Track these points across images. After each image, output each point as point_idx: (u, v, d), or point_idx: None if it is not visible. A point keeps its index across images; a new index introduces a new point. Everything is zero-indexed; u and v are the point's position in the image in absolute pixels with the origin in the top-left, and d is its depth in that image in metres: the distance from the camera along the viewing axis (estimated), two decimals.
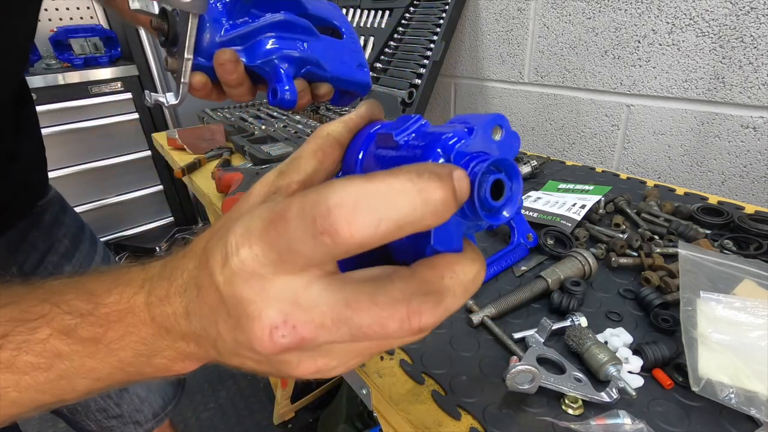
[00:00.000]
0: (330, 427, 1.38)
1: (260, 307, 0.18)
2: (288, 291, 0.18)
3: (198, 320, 0.22)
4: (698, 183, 0.88)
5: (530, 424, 0.40)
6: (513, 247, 0.64)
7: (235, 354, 0.22)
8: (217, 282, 0.19)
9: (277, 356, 0.20)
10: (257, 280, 0.18)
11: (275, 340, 0.18)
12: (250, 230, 0.18)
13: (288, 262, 0.18)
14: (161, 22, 0.43)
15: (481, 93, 1.28)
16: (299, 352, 0.20)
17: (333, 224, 0.16)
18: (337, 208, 0.16)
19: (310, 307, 0.18)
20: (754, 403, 0.38)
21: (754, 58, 0.75)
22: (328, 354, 0.21)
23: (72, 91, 2.02)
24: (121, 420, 0.78)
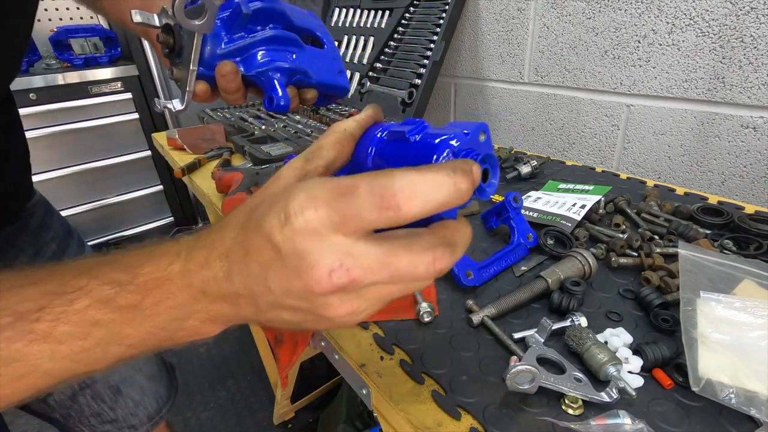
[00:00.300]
0: (330, 427, 1.38)
1: (319, 256, 0.23)
2: (342, 245, 0.23)
3: (241, 280, 0.26)
4: (698, 183, 0.88)
5: (530, 424, 0.40)
6: (513, 247, 0.64)
7: (277, 305, 0.26)
8: (276, 241, 0.24)
9: (327, 297, 0.24)
10: (317, 237, 0.23)
11: (332, 281, 0.23)
12: (315, 197, 0.23)
13: (349, 225, 0.23)
14: (167, 37, 0.47)
15: (481, 93, 1.28)
16: (344, 294, 0.25)
17: (398, 203, 0.22)
18: (400, 192, 0.22)
19: (360, 256, 0.23)
20: (754, 403, 0.38)
21: (754, 58, 0.75)
22: (363, 297, 0.25)
23: (72, 91, 2.02)
24: (115, 425, 0.77)
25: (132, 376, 0.78)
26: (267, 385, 1.72)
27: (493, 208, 0.70)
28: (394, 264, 0.24)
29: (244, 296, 0.27)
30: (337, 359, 0.53)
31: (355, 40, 1.45)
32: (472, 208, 0.79)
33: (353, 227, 0.23)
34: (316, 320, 0.27)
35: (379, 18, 1.39)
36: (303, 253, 0.23)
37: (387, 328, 0.53)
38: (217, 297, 0.27)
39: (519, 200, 0.67)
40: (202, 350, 1.97)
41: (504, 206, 0.66)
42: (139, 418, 0.79)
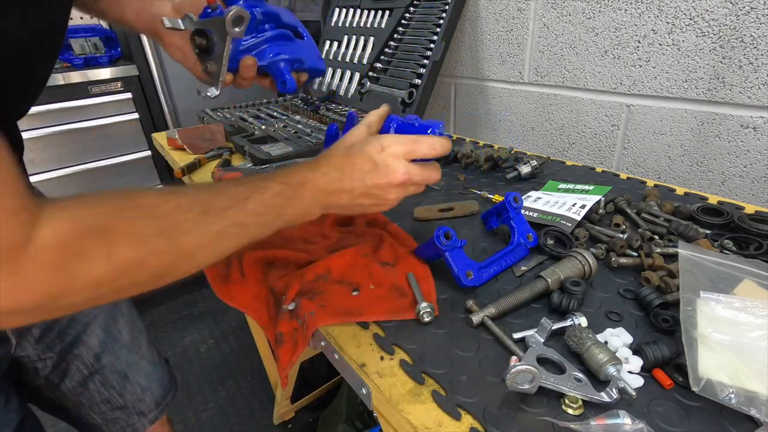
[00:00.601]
0: (330, 427, 1.38)
1: (398, 166, 0.51)
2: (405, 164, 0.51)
3: (348, 180, 0.51)
4: (698, 183, 0.88)
5: (530, 424, 0.40)
6: (513, 247, 0.64)
7: (364, 194, 0.52)
8: (374, 159, 0.51)
9: (395, 187, 0.52)
10: (397, 158, 0.51)
11: (402, 177, 0.51)
12: (399, 141, 0.52)
13: (409, 156, 0.52)
14: (202, 40, 0.60)
15: (481, 93, 1.28)
16: (400, 187, 0.52)
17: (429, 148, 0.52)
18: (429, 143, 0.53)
19: (412, 169, 0.51)
20: (754, 403, 0.38)
21: (754, 58, 0.75)
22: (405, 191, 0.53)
23: (72, 91, 2.02)
24: (125, 411, 0.79)
25: (137, 362, 0.80)
26: (267, 385, 1.72)
27: (493, 208, 0.70)
28: (421, 174, 0.53)
29: (346, 191, 0.52)
30: (337, 359, 0.53)
31: (355, 40, 1.45)
32: (472, 208, 0.79)
33: (411, 155, 0.52)
34: (380, 203, 0.54)
35: (379, 18, 1.39)
36: (389, 165, 0.51)
37: (387, 328, 0.53)
38: (329, 192, 0.51)
39: (519, 200, 0.67)
40: (202, 350, 1.97)
41: (504, 206, 0.66)
42: (147, 404, 0.81)
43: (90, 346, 0.72)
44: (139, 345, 0.81)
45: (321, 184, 0.51)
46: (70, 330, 0.70)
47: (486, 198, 0.84)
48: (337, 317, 0.55)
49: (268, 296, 0.67)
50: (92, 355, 0.73)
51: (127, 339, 0.78)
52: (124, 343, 0.78)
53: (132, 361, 0.79)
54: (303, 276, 0.62)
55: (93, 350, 0.73)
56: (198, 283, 2.41)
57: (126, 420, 0.79)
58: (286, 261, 0.69)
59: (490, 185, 0.91)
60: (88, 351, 0.72)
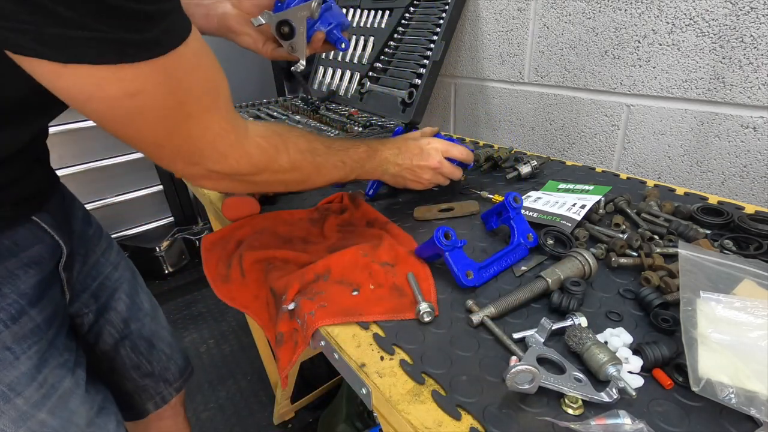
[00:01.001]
0: (330, 427, 1.38)
1: (436, 155, 0.76)
2: (441, 157, 0.77)
3: (401, 157, 0.75)
4: (698, 183, 0.88)
5: (530, 424, 0.40)
6: (513, 247, 0.64)
7: (409, 168, 0.75)
8: (422, 147, 0.76)
9: (431, 169, 0.76)
10: (437, 151, 0.76)
11: (437, 163, 0.76)
12: (441, 141, 0.78)
13: (445, 153, 0.77)
14: (285, 27, 0.76)
15: (481, 93, 1.28)
16: (434, 171, 0.76)
17: (459, 152, 0.79)
18: (459, 149, 0.80)
19: (444, 161, 0.77)
20: (754, 403, 0.38)
21: (754, 58, 0.75)
22: (436, 176, 0.77)
23: None
24: (153, 378, 0.86)
25: (159, 331, 0.87)
26: (267, 385, 1.72)
27: (493, 208, 0.70)
28: (449, 168, 0.78)
29: (398, 164, 0.75)
30: (337, 359, 0.53)
31: (355, 40, 1.45)
32: (472, 208, 0.79)
33: (446, 153, 0.77)
34: (417, 179, 0.76)
35: (379, 18, 1.39)
36: (430, 153, 0.76)
37: (387, 328, 0.53)
38: (385, 162, 0.74)
39: (519, 200, 0.67)
40: (202, 350, 1.97)
41: (504, 206, 0.66)
42: (172, 372, 0.89)
43: (118, 311, 0.79)
44: (158, 316, 0.88)
45: (386, 154, 0.74)
46: (101, 293, 0.77)
47: (486, 198, 0.84)
48: (337, 317, 0.55)
49: (268, 296, 0.67)
50: (121, 319, 0.80)
51: (148, 309, 0.85)
52: (147, 312, 0.85)
53: (155, 329, 0.86)
54: (303, 276, 0.62)
55: (121, 315, 0.80)
56: (198, 283, 2.41)
57: (154, 388, 0.86)
58: (286, 261, 0.69)
59: (490, 185, 0.91)
60: (117, 316, 0.79)
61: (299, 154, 0.61)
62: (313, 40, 0.80)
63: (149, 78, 0.40)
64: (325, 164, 0.65)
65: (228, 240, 0.77)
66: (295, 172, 0.62)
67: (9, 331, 0.55)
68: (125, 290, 0.81)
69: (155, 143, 0.47)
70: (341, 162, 0.68)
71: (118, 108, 0.41)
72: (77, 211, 0.77)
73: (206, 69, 0.47)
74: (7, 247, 0.56)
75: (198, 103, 0.46)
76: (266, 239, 0.75)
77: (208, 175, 0.54)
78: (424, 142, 0.76)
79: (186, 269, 2.52)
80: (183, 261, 2.54)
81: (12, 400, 0.56)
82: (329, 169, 0.66)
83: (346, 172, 0.69)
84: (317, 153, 0.64)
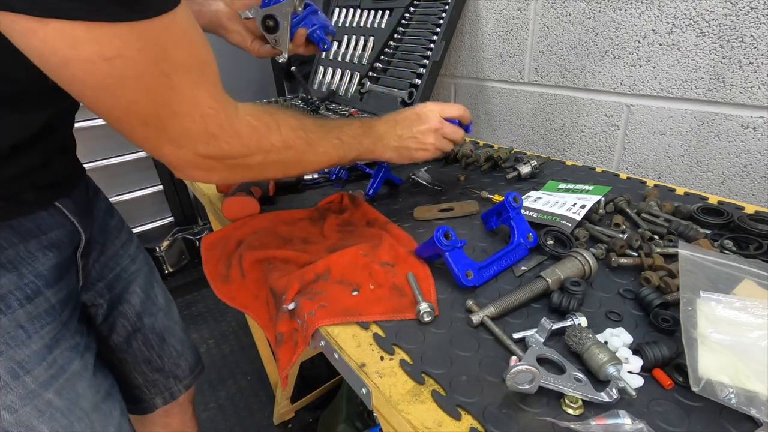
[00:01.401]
0: (330, 427, 1.38)
1: (434, 116, 0.76)
2: (439, 118, 0.76)
3: (399, 128, 0.74)
4: (698, 183, 0.88)
5: (530, 424, 0.40)
6: (513, 247, 0.64)
7: (410, 137, 0.74)
8: (418, 112, 0.76)
9: (432, 131, 0.75)
10: (433, 111, 0.76)
11: (437, 123, 0.75)
12: (435, 103, 0.78)
13: (442, 113, 0.77)
14: (270, 21, 0.83)
15: (481, 93, 1.28)
16: (435, 132, 0.75)
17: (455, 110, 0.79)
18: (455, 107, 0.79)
19: (443, 122, 0.76)
20: (754, 403, 0.38)
21: (754, 58, 0.75)
22: (437, 138, 0.76)
23: None
24: (163, 374, 0.86)
25: (171, 326, 0.87)
26: (267, 385, 1.72)
27: (493, 208, 0.70)
28: (450, 127, 0.77)
29: (398, 135, 0.73)
30: (337, 359, 0.53)
31: (355, 40, 1.45)
32: (472, 208, 0.79)
33: (443, 113, 0.76)
34: (422, 146, 0.75)
35: (379, 18, 1.39)
36: (427, 115, 0.75)
37: (387, 328, 0.53)
38: (384, 136, 0.73)
39: (519, 200, 0.67)
40: (202, 350, 1.97)
41: (504, 206, 0.66)
42: (182, 368, 0.90)
43: (132, 304, 0.80)
44: (172, 312, 0.88)
45: (382, 128, 0.73)
46: (116, 284, 0.77)
47: (486, 198, 0.84)
48: (337, 317, 0.55)
49: (268, 296, 0.67)
50: (134, 312, 0.80)
51: (163, 304, 0.86)
52: (161, 307, 0.85)
53: (167, 325, 0.86)
54: (303, 276, 0.62)
55: (135, 308, 0.80)
56: (198, 283, 2.41)
57: (164, 383, 0.87)
58: (286, 261, 0.69)
59: (490, 185, 0.91)
60: (130, 309, 0.79)
61: (291, 131, 0.59)
62: (296, 36, 0.88)
63: (129, 42, 0.38)
64: (319, 141, 0.64)
65: (228, 240, 0.77)
66: (289, 151, 0.59)
67: (23, 310, 0.56)
68: (140, 284, 0.81)
69: (139, 119, 0.44)
70: (337, 139, 0.66)
71: (95, 73, 0.39)
72: (101, 202, 0.78)
73: (194, 43, 0.45)
74: (29, 230, 0.57)
75: (184, 77, 0.44)
76: (266, 239, 0.75)
77: (197, 162, 0.51)
78: (419, 107, 0.76)
79: (186, 269, 2.52)
80: (183, 261, 2.54)
81: (21, 377, 0.57)
82: (325, 147, 0.65)
83: (345, 150, 0.67)
84: (309, 130, 0.62)
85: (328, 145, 0.65)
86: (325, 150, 0.65)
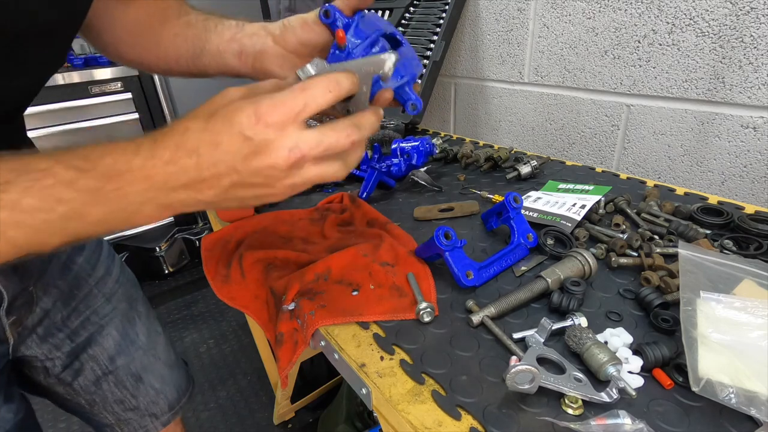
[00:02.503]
0: (330, 427, 1.38)
1: (283, 140, 0.35)
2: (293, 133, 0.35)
3: (210, 168, 0.35)
4: (698, 183, 0.88)
5: (530, 424, 0.40)
6: (513, 247, 0.64)
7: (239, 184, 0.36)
8: (247, 134, 0.34)
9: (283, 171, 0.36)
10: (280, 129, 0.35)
11: (290, 156, 0.35)
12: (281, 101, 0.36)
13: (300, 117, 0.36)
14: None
15: (481, 93, 1.28)
16: (295, 169, 0.37)
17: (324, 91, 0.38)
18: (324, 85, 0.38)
19: (305, 139, 0.36)
20: (754, 403, 0.38)
21: (754, 58, 0.75)
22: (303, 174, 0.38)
23: (72, 91, 2.02)
24: (137, 412, 0.79)
25: (152, 363, 0.79)
26: (267, 385, 1.72)
27: (493, 208, 0.70)
28: (326, 140, 0.37)
29: (209, 181, 0.36)
30: (337, 359, 0.53)
31: None
32: (472, 208, 0.79)
33: (302, 117, 0.36)
34: (266, 193, 0.38)
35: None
36: (269, 141, 0.35)
37: (387, 328, 0.53)
38: (178, 186, 0.35)
39: (519, 200, 0.67)
40: (202, 350, 1.97)
41: (504, 206, 0.66)
42: (160, 406, 0.81)
43: (105, 347, 0.72)
44: (156, 348, 0.80)
45: (160, 175, 0.34)
46: (82, 331, 0.69)
47: (486, 198, 0.84)
48: (337, 317, 0.55)
49: (268, 296, 0.67)
50: (107, 356, 0.72)
51: (144, 341, 0.78)
52: (140, 346, 0.77)
53: (147, 363, 0.78)
54: (303, 276, 0.62)
55: (108, 352, 0.72)
56: (198, 283, 2.41)
57: (138, 421, 0.79)
58: (286, 261, 0.69)
59: (490, 185, 0.91)
60: (102, 352, 0.72)
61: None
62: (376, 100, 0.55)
63: None
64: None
65: (228, 240, 0.77)
66: None
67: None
68: (116, 325, 0.73)
69: None
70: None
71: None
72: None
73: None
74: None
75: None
76: (266, 239, 0.75)
77: None
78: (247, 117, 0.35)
79: (186, 269, 2.52)
80: (183, 261, 2.54)
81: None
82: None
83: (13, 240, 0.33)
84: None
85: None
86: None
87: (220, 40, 0.61)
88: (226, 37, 0.60)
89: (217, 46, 0.61)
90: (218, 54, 0.61)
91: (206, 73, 0.64)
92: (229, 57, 0.61)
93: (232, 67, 0.62)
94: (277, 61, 0.59)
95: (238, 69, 0.62)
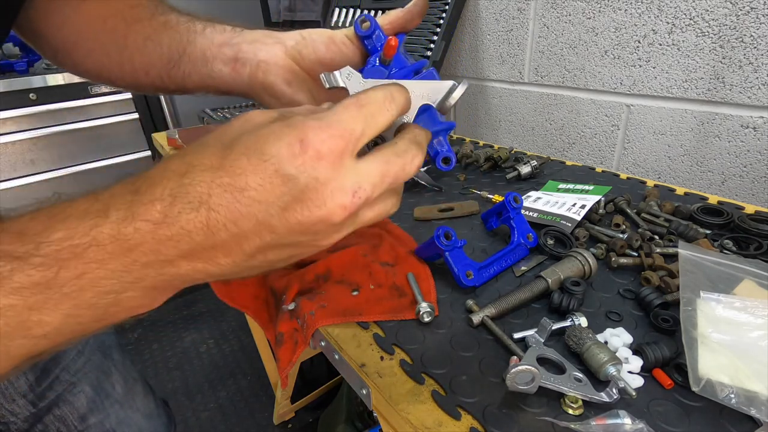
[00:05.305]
0: (330, 427, 1.38)
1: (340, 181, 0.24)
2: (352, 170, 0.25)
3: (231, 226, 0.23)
4: (698, 183, 0.88)
5: (530, 424, 0.40)
6: (513, 247, 0.64)
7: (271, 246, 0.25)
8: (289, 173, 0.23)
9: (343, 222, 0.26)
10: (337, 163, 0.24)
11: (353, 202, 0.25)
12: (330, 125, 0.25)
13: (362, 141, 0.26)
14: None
15: (481, 93, 1.28)
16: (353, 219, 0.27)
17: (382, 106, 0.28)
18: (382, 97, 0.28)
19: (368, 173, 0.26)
20: (754, 403, 0.38)
21: (754, 58, 0.75)
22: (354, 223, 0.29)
23: (72, 91, 2.02)
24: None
25: (129, 417, 0.72)
26: (267, 385, 1.72)
27: (493, 208, 0.70)
28: (391, 171, 0.27)
29: (226, 246, 0.24)
30: (337, 359, 0.53)
31: None
32: (472, 208, 0.79)
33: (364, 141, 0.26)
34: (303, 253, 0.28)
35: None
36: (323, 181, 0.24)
37: (387, 328, 0.53)
38: (177, 257, 0.23)
39: (519, 200, 0.67)
40: (202, 350, 1.97)
41: (504, 206, 0.66)
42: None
43: (76, 406, 0.65)
44: (134, 398, 0.73)
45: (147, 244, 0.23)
46: (49, 392, 0.62)
47: (486, 198, 0.84)
48: (337, 317, 0.55)
49: (268, 296, 0.67)
50: (78, 415, 0.65)
51: (120, 393, 0.70)
52: (117, 399, 0.70)
53: (124, 417, 0.72)
54: (303, 276, 0.62)
55: (79, 411, 0.65)
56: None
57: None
58: None
59: (490, 185, 0.91)
60: (73, 412, 0.64)
61: None
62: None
63: None
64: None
65: None
66: None
67: None
68: (90, 380, 0.66)
69: None
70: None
71: None
72: None
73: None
74: None
75: None
76: None
77: None
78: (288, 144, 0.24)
79: None
80: None
81: None
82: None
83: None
84: None
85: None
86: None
87: (209, 44, 0.48)
88: (216, 41, 0.48)
89: (204, 51, 0.48)
90: (203, 61, 0.48)
91: (184, 87, 0.50)
92: (218, 65, 0.48)
93: (221, 78, 0.48)
94: (285, 76, 0.46)
95: (229, 81, 0.48)
